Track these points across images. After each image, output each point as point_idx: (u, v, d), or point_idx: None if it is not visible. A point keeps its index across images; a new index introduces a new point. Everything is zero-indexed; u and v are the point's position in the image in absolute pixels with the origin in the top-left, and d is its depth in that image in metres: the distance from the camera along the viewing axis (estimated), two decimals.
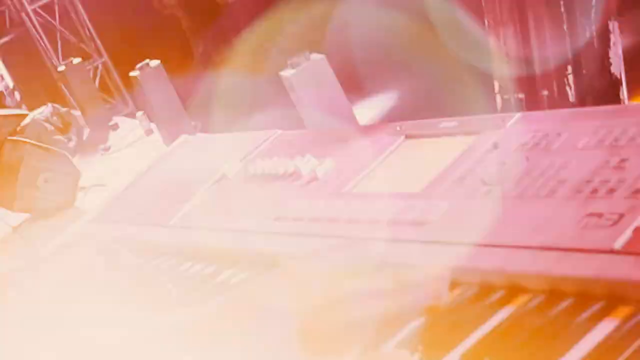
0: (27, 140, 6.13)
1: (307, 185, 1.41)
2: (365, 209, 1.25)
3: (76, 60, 7.95)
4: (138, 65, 5.85)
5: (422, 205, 1.19)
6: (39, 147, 6.03)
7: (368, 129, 1.57)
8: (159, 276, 1.39)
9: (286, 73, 4.71)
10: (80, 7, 9.31)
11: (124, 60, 10.03)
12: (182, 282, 1.36)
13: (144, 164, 5.81)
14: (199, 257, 1.41)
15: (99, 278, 1.37)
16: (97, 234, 1.73)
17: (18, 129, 7.30)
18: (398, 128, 1.45)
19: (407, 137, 1.42)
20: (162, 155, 1.99)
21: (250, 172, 1.55)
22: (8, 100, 9.93)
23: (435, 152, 1.33)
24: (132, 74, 5.91)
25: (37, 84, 9.64)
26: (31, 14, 9.20)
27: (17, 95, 9.93)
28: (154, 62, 5.84)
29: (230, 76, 10.11)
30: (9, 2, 10.78)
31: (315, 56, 4.73)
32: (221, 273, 1.32)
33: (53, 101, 7.82)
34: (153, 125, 6.59)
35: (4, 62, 10.16)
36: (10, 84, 9.86)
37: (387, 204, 1.23)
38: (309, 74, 4.66)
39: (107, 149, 7.10)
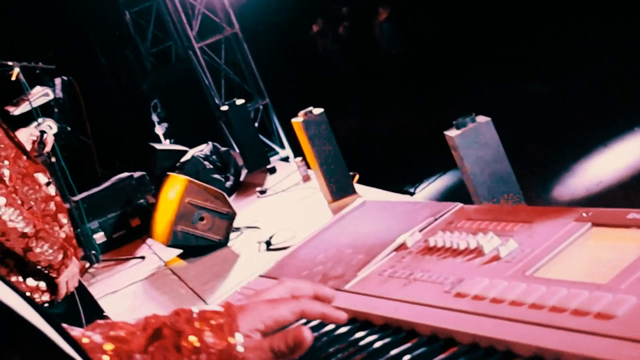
0: (186, 177, 6.37)
1: (489, 264, 1.47)
2: (547, 295, 1.30)
3: (239, 101, 8.29)
4: (301, 112, 6.04)
5: (608, 297, 1.23)
6: (197, 184, 6.27)
7: (552, 212, 1.60)
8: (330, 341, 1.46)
9: (451, 133, 4.79)
10: (245, 47, 9.70)
11: (285, 103, 10.40)
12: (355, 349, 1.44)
13: (299, 210, 6.00)
14: (373, 325, 1.49)
15: None
16: None
17: (177, 164, 7.68)
18: (584, 214, 1.49)
19: (594, 224, 1.46)
20: (340, 215, 2.09)
21: (431, 244, 1.62)
22: (158, 129, 10.44)
23: (623, 243, 1.36)
24: (294, 120, 6.11)
25: (197, 120, 10.08)
26: (198, 51, 9.66)
27: (165, 126, 10.44)
28: (317, 110, 6.02)
29: (392, 130, 10.26)
30: (177, 38, 11.42)
31: (481, 118, 4.78)
32: (394, 345, 1.39)
33: (212, 139, 8.16)
34: (311, 172, 6.76)
35: (161, 93, 10.72)
36: (157, 116, 10.36)
37: (571, 292, 1.28)
38: (474, 136, 4.71)
39: (263, 192, 7.32)
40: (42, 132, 3.63)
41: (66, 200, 7.25)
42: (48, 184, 3.07)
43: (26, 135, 3.64)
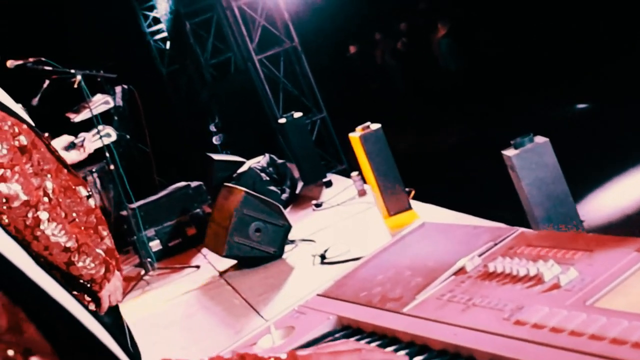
0: (243, 188, 6.44)
1: (549, 292, 1.47)
2: (608, 326, 1.30)
3: (297, 114, 8.36)
4: (359, 127, 6.08)
5: None
6: (254, 196, 6.33)
7: (613, 241, 1.60)
8: None
9: (508, 152, 4.77)
10: (304, 60, 9.77)
11: (342, 117, 10.45)
12: None
13: (354, 224, 6.02)
14: (431, 350, 1.51)
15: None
16: (327, 310, 1.85)
17: (234, 175, 7.77)
18: None
19: None
20: (399, 236, 2.10)
21: (490, 269, 1.63)
22: (215, 139, 10.53)
23: None
24: (352, 135, 6.15)
25: (254, 132, 10.18)
26: (257, 64, 9.76)
27: (221, 137, 10.54)
28: (375, 125, 6.05)
29: (449, 147, 10.23)
30: (236, 49, 11.55)
31: (539, 138, 4.76)
32: None
33: (269, 152, 8.23)
34: (367, 187, 6.78)
35: (219, 103, 10.83)
36: (215, 127, 10.47)
37: (632, 324, 1.27)
38: (532, 156, 4.70)
39: (319, 205, 7.36)
40: (78, 141, 3.67)
41: (123, 208, 7.38)
42: (89, 196, 3.13)
43: (62, 144, 3.72)
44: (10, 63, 6.79)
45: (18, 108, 3.28)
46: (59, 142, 3.83)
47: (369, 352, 1.32)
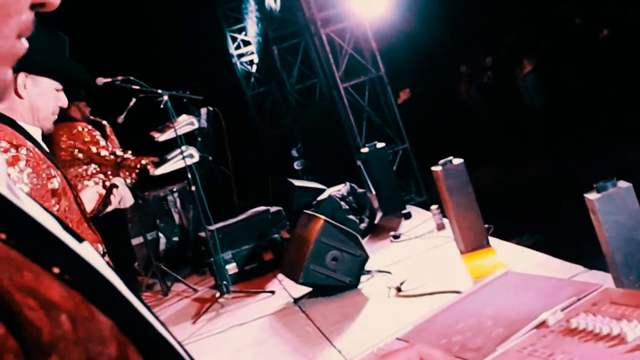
0: (322, 216, 6.49)
1: (631, 353, 1.47)
2: None
3: (380, 144, 8.40)
4: (441, 161, 6.09)
5: None
6: (333, 225, 6.37)
7: None
8: None
9: (590, 196, 4.72)
10: (389, 90, 9.82)
11: (424, 149, 10.47)
12: None
13: (432, 258, 6.00)
14: None
15: None
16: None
17: (314, 202, 7.84)
18: None
19: None
20: (482, 284, 2.12)
21: (572, 325, 1.64)
22: (296, 164, 10.64)
23: None
24: (433, 168, 6.16)
25: (336, 159, 10.25)
26: (342, 91, 9.85)
27: (303, 163, 10.64)
28: (457, 160, 6.05)
29: (530, 184, 10.13)
30: (322, 76, 11.68)
31: (622, 183, 4.70)
32: None
33: (350, 180, 8.28)
34: (446, 221, 6.77)
35: (302, 129, 10.95)
36: (297, 152, 10.56)
37: None
38: (614, 201, 4.63)
39: (397, 237, 7.37)
40: (112, 187, 3.73)
41: (202, 229, 7.52)
42: (104, 254, 3.21)
43: (91, 193, 3.77)
44: (99, 80, 7.01)
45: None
46: (88, 193, 3.86)
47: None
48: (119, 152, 7.95)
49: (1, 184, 0.77)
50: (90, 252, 0.83)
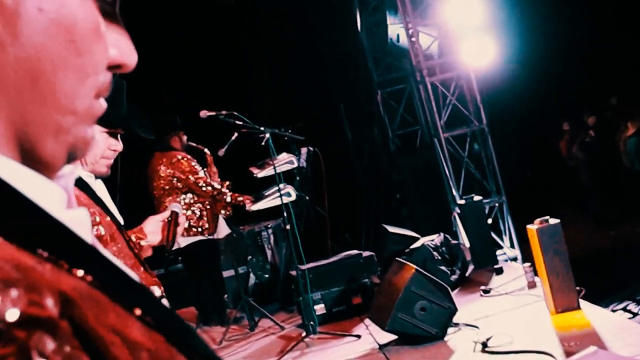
0: (414, 265, 6.62)
1: None
2: None
3: (477, 197, 8.50)
4: (537, 219, 6.18)
5: None
6: (424, 275, 6.49)
7: None
8: None
9: None
10: (490, 144, 9.92)
11: (521, 204, 10.50)
12: None
13: (520, 316, 6.08)
14: None
15: None
16: None
17: (407, 250, 7.99)
18: None
19: None
20: None
21: None
22: (392, 210, 10.73)
23: None
24: (529, 226, 6.26)
25: (431, 208, 10.37)
26: (443, 141, 9.99)
27: (398, 209, 10.75)
28: (554, 220, 6.13)
29: (625, 248, 10.03)
30: (424, 124, 11.86)
31: None
32: None
33: (444, 230, 8.39)
34: (537, 279, 6.82)
35: (401, 175, 11.10)
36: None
37: None
38: None
39: (487, 292, 7.44)
40: (173, 215, 3.71)
41: (293, 268, 7.72)
42: (162, 297, 3.29)
43: (154, 224, 3.79)
44: (203, 113, 7.32)
45: (109, 202, 3.46)
46: (152, 224, 3.80)
47: None
48: (216, 185, 8.18)
49: (87, 232, 0.80)
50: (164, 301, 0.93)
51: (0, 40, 0.75)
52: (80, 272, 0.71)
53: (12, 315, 0.61)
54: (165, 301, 3.15)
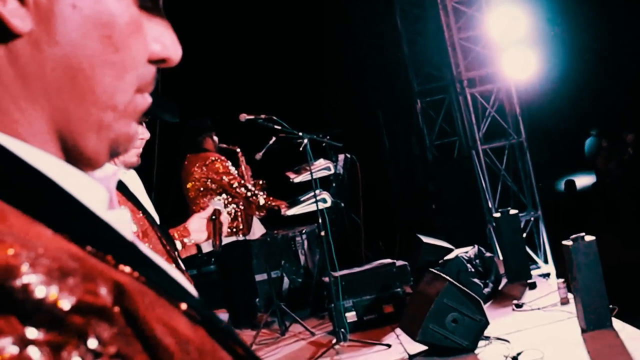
0: (447, 277, 6.66)
1: None
2: None
3: (513, 211, 8.52)
4: (573, 236, 6.22)
5: None
6: (456, 287, 6.53)
7: None
8: None
9: None
10: (528, 157, 9.94)
11: (556, 219, 10.50)
12: None
13: (552, 332, 6.10)
14: None
15: None
16: None
17: (440, 261, 8.03)
18: None
19: None
20: None
21: None
22: (427, 220, 10.77)
23: None
24: (564, 242, 6.30)
25: (466, 220, 10.39)
26: (481, 153, 10.02)
27: (433, 219, 10.76)
28: (589, 237, 6.17)
29: None
30: (462, 135, 11.89)
31: None
32: None
33: (478, 242, 8.42)
34: (570, 296, 6.85)
35: (438, 186, 11.12)
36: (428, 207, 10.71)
37: None
38: None
39: (519, 306, 7.47)
40: (216, 213, 3.71)
41: (326, 274, 7.78)
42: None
43: (198, 222, 3.81)
44: (242, 116, 7.39)
45: (143, 196, 3.49)
46: (195, 222, 3.81)
47: None
48: (250, 187, 8.20)
49: (129, 231, 0.82)
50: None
51: (37, 38, 0.76)
52: (127, 268, 0.73)
53: (69, 303, 0.63)
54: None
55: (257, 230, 8.99)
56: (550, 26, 11.57)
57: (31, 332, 0.61)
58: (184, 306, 0.76)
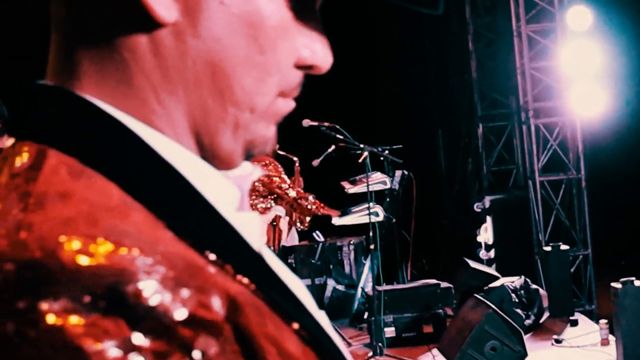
0: (491, 304, 6.76)
1: None
2: None
3: (564, 247, 8.56)
4: (622, 279, 6.29)
5: None
6: (499, 316, 6.62)
7: None
8: None
9: None
10: (585, 195, 9.96)
11: (605, 258, 10.47)
12: None
13: None
14: None
15: None
16: None
17: (485, 288, 8.12)
18: None
19: None
20: None
21: None
22: (481, 253, 10.80)
23: None
24: (613, 284, 6.36)
25: (515, 250, 10.44)
26: (537, 184, 10.06)
27: (492, 252, 10.82)
28: (638, 282, 6.24)
29: None
30: (520, 164, 11.95)
31: None
32: None
33: (525, 273, 8.48)
34: (612, 338, 6.90)
35: (491, 213, 11.13)
36: (490, 240, 10.73)
37: None
38: None
39: (559, 342, 7.53)
40: (278, 217, 3.83)
41: (371, 288, 7.91)
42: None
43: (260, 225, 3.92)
44: (305, 122, 7.50)
45: None
46: None
47: None
48: (300, 190, 8.16)
49: (255, 237, 0.80)
50: (323, 316, 0.86)
51: (181, 30, 0.76)
52: (245, 280, 0.72)
53: (181, 314, 0.64)
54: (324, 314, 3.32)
55: (292, 239, 9.07)
56: (625, 62, 11.50)
57: (137, 338, 0.62)
58: (296, 325, 0.75)
